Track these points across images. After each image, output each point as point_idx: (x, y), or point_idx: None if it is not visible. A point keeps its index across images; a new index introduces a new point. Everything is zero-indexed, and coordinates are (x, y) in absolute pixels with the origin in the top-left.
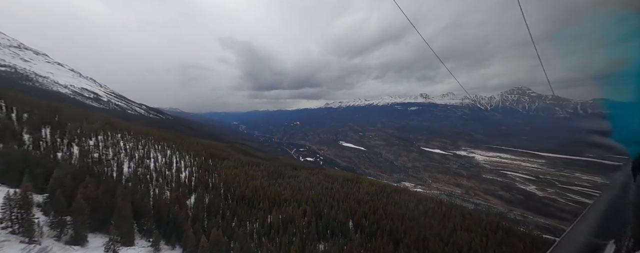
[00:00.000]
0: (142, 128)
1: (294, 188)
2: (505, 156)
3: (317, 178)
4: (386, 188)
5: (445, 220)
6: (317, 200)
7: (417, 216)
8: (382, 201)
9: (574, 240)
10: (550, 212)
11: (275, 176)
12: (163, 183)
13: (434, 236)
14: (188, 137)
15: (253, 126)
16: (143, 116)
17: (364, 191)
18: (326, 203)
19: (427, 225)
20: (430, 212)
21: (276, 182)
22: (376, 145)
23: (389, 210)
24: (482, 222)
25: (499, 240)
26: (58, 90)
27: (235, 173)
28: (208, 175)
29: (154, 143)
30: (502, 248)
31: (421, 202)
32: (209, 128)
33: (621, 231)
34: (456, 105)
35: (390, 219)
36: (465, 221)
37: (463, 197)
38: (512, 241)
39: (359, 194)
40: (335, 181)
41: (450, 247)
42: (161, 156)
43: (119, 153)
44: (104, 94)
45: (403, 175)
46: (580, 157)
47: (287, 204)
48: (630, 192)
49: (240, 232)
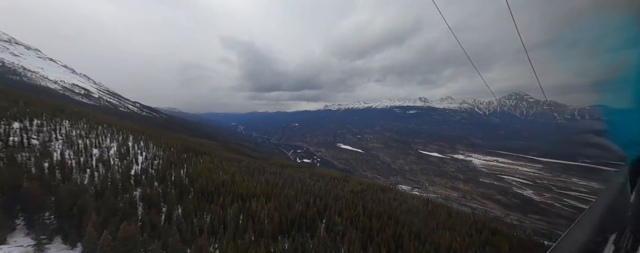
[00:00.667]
0: (113, 119)
1: (271, 184)
2: (502, 160)
3: (301, 176)
4: (373, 187)
5: (428, 218)
6: (292, 196)
7: (398, 214)
8: (364, 199)
9: (572, 242)
10: (547, 216)
11: (256, 172)
12: (106, 173)
13: (410, 234)
14: (177, 134)
15: (252, 127)
16: (135, 114)
17: (348, 189)
18: (302, 200)
19: (407, 222)
20: (413, 210)
21: (253, 178)
22: (374, 147)
23: (368, 208)
24: (467, 221)
25: (484, 240)
26: (47, 85)
27: (208, 167)
28: (172, 167)
29: (115, 133)
30: (486, 248)
31: (406, 200)
32: (205, 128)
33: (619, 233)
34: (454, 109)
35: (367, 216)
36: (450, 220)
37: (459, 200)
38: (498, 241)
39: (343, 192)
40: (321, 179)
41: (428, 246)
42: (119, 146)
43: (57, 140)
44: (95, 91)
45: (400, 178)
46: (577, 163)
47: (256, 199)
48: (627, 196)
49: (170, 227)
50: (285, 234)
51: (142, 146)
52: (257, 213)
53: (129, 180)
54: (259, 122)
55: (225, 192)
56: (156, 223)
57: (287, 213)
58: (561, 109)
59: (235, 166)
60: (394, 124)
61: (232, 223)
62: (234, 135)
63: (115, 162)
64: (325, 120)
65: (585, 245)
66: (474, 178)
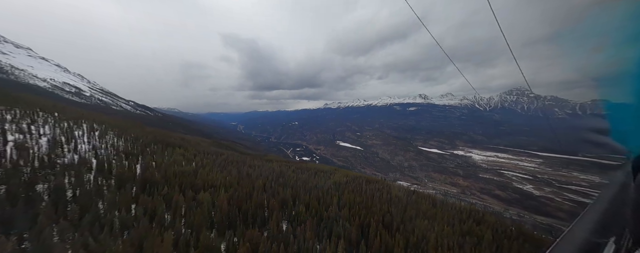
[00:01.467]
0: (86, 113)
1: (241, 176)
2: (502, 156)
3: (284, 169)
4: (359, 178)
5: (408, 208)
6: (260, 187)
7: (375, 203)
8: (344, 190)
9: (574, 239)
10: (547, 211)
11: (232, 165)
12: (17, 160)
13: (378, 223)
14: (168, 131)
15: (251, 126)
16: (129, 112)
17: (331, 181)
18: (271, 191)
19: (381, 212)
20: (394, 200)
21: (225, 170)
22: (373, 144)
23: (344, 198)
24: (452, 211)
25: (466, 229)
26: (35, 84)
27: (176, 159)
28: (127, 158)
29: (67, 123)
30: (465, 238)
31: (390, 191)
32: (201, 126)
33: (620, 230)
34: (455, 105)
35: (339, 207)
36: (433, 210)
37: (459, 196)
38: (481, 231)
39: (324, 184)
40: (305, 172)
41: (398, 236)
42: (62, 135)
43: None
44: (88, 89)
45: (399, 175)
46: (578, 157)
47: (214, 190)
48: (629, 192)
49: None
50: (230, 226)
51: (96, 136)
52: (204, 204)
53: (49, 168)
54: (259, 121)
55: (177, 183)
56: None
57: (242, 205)
58: (563, 104)
59: (210, 159)
60: (394, 121)
61: (160, 214)
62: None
63: (41, 149)
64: (325, 118)
65: (586, 244)
66: (473, 174)
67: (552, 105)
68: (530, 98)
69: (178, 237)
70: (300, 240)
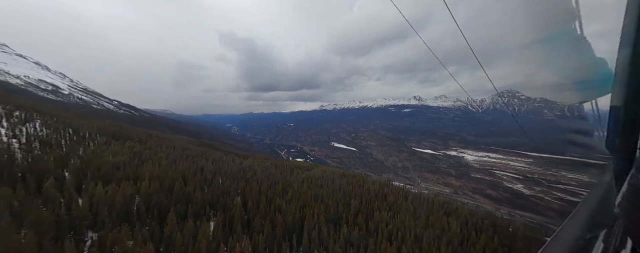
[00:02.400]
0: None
1: (183, 168)
2: (494, 156)
3: (254, 164)
4: (334, 174)
5: (374, 199)
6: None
7: (341, 197)
8: (317, 183)
9: (566, 237)
10: (537, 209)
11: (186, 158)
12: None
13: (316, 216)
14: (146, 130)
15: (246, 128)
16: (110, 111)
17: (305, 175)
18: (216, 183)
19: (346, 203)
20: (364, 193)
21: (175, 163)
22: (368, 145)
23: (313, 191)
24: (423, 204)
25: (432, 221)
26: (6, 80)
27: (114, 150)
28: (48, 150)
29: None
30: (428, 230)
31: (363, 184)
32: (191, 127)
33: (608, 231)
34: (448, 107)
35: (299, 199)
36: (400, 202)
37: (451, 195)
38: (448, 223)
39: (292, 178)
40: (280, 167)
41: (345, 227)
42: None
43: None
44: (67, 88)
45: (392, 175)
46: (566, 157)
47: (143, 180)
48: (613, 194)
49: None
50: (128, 221)
51: (32, 127)
52: (99, 197)
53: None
54: (254, 123)
55: (82, 173)
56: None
57: (153, 198)
58: (551, 106)
59: (166, 153)
60: (389, 122)
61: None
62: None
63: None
64: (320, 119)
65: (577, 241)
66: (465, 174)
67: (542, 107)
68: (521, 100)
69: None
70: (201, 235)
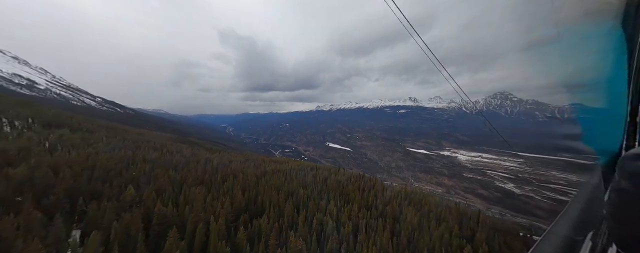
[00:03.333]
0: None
1: (137, 160)
2: (486, 156)
3: (223, 159)
4: (307, 167)
5: (332, 190)
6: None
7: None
8: (290, 176)
9: (555, 236)
10: (527, 209)
11: (151, 151)
12: None
13: (268, 204)
14: (128, 127)
15: (242, 128)
16: (92, 108)
17: (279, 167)
18: (175, 172)
19: (312, 197)
20: (334, 185)
21: (132, 162)
22: (362, 145)
23: (283, 184)
24: (393, 195)
25: (389, 211)
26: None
27: (51, 139)
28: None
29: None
30: (378, 219)
31: (332, 177)
32: (181, 126)
33: (595, 231)
34: (443, 108)
35: (263, 191)
36: (370, 193)
37: (443, 195)
38: (406, 213)
39: (258, 170)
40: (258, 161)
41: (317, 216)
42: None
43: None
44: (44, 83)
45: (386, 175)
46: (556, 157)
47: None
48: (601, 195)
49: None
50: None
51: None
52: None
53: None
54: (250, 123)
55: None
56: None
57: (89, 186)
58: (543, 108)
59: (119, 143)
60: (384, 122)
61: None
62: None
63: None
64: (316, 120)
65: (565, 241)
66: (458, 174)
67: (534, 108)
68: (513, 102)
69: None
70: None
